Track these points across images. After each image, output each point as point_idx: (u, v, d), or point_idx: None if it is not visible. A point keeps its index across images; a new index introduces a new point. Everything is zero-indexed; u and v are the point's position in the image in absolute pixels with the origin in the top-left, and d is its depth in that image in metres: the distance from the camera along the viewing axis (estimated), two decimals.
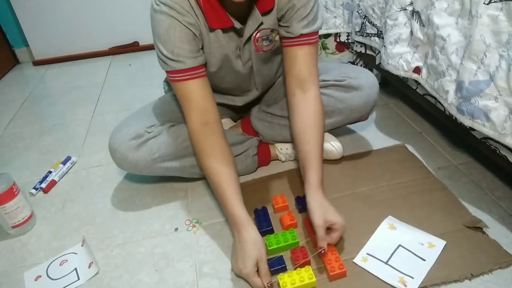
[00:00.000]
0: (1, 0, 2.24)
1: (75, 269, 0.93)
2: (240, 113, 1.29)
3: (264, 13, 0.92)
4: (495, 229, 0.90)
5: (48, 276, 0.93)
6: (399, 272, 0.83)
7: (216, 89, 1.04)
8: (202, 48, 0.94)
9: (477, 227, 0.90)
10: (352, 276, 0.83)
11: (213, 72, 1.00)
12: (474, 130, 0.91)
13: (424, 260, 0.85)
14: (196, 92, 0.92)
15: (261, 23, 0.94)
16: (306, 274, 0.81)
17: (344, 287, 0.82)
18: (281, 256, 0.87)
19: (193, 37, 0.89)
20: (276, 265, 0.85)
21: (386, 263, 0.85)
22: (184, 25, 0.87)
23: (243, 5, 0.85)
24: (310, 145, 0.94)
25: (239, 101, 1.17)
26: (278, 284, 0.81)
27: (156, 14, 0.87)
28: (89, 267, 0.93)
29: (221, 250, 0.93)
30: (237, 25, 0.91)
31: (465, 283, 0.80)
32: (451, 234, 0.89)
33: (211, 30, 0.92)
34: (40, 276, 0.93)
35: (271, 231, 0.96)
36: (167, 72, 0.92)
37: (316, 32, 0.96)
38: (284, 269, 0.85)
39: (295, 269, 0.84)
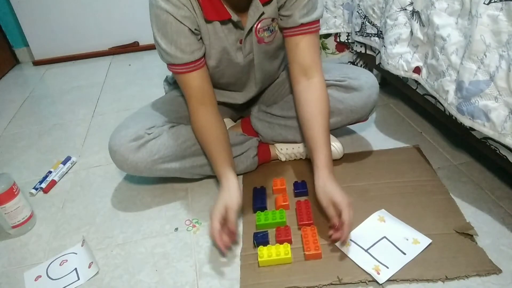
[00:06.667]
0: (1, 0, 2.24)
1: (75, 269, 0.94)
2: (240, 113, 1.29)
3: (265, 3, 0.93)
4: (494, 229, 0.90)
5: (48, 276, 0.93)
6: (376, 260, 0.84)
7: (217, 86, 1.04)
8: (202, 39, 0.95)
9: (467, 234, 0.88)
10: (327, 259, 0.87)
11: (213, 66, 1.00)
12: (474, 130, 0.91)
13: (404, 254, 0.85)
14: (195, 82, 0.97)
15: (263, 13, 0.94)
16: (283, 250, 0.87)
17: (317, 266, 0.85)
18: (267, 231, 0.94)
19: (189, 32, 0.90)
20: (260, 239, 0.91)
21: (366, 250, 0.87)
22: (179, 21, 0.88)
23: None
24: (316, 130, 0.95)
25: (239, 98, 1.17)
26: (258, 255, 0.87)
27: (152, 8, 0.89)
28: (89, 267, 0.93)
29: None
30: (234, 17, 0.91)
31: (438, 284, 0.79)
32: (439, 236, 0.88)
33: (208, 21, 0.92)
34: (40, 276, 0.93)
35: (264, 209, 1.01)
36: (166, 64, 0.96)
37: (316, 21, 0.96)
38: (266, 244, 0.90)
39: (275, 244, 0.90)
